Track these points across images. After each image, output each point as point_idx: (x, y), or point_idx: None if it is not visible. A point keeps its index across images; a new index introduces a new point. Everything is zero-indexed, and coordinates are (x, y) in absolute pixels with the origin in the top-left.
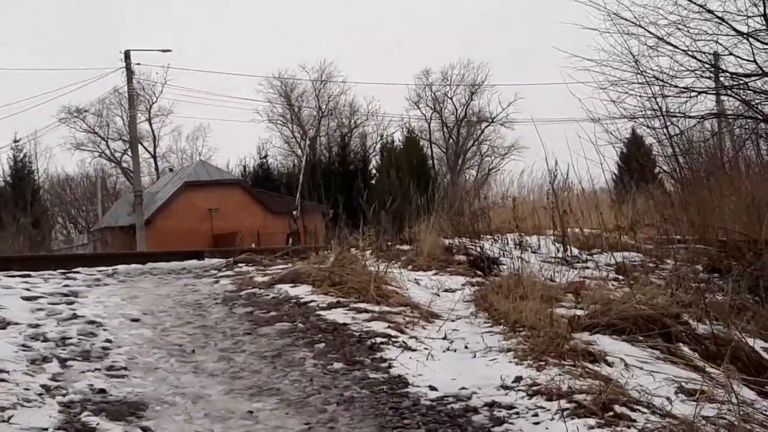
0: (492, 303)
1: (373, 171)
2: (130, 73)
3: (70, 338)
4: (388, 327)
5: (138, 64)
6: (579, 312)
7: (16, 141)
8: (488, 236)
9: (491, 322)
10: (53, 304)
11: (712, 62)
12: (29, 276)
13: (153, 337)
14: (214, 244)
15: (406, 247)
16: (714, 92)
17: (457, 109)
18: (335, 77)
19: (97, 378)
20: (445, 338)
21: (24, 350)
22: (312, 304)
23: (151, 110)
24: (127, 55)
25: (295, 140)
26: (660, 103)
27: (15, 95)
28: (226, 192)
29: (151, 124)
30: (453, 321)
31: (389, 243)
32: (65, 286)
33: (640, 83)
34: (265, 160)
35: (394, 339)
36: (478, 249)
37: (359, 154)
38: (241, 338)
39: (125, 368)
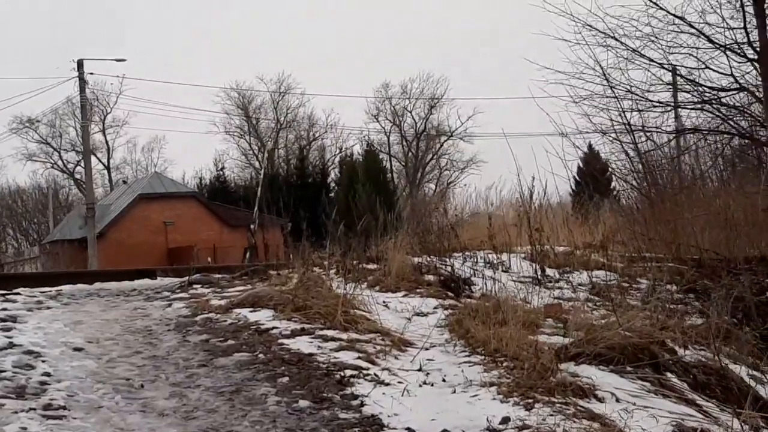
0: (468, 329)
1: (332, 184)
2: (82, 83)
3: (3, 371)
4: (358, 357)
5: (91, 73)
6: (562, 340)
7: None
8: (457, 254)
9: (469, 350)
10: None
11: (687, 76)
12: None
13: (97, 370)
14: (169, 258)
15: (373, 266)
16: (690, 107)
17: (416, 123)
18: (294, 89)
19: (32, 419)
20: (420, 370)
21: None
22: (274, 331)
23: (105, 121)
24: (80, 64)
25: (252, 152)
26: (630, 118)
27: None
28: (181, 205)
29: (105, 135)
30: (427, 349)
31: (355, 262)
32: (2, 309)
33: (611, 97)
34: (221, 173)
35: (365, 371)
36: (449, 269)
37: (318, 167)
38: (196, 371)
39: (64, 407)
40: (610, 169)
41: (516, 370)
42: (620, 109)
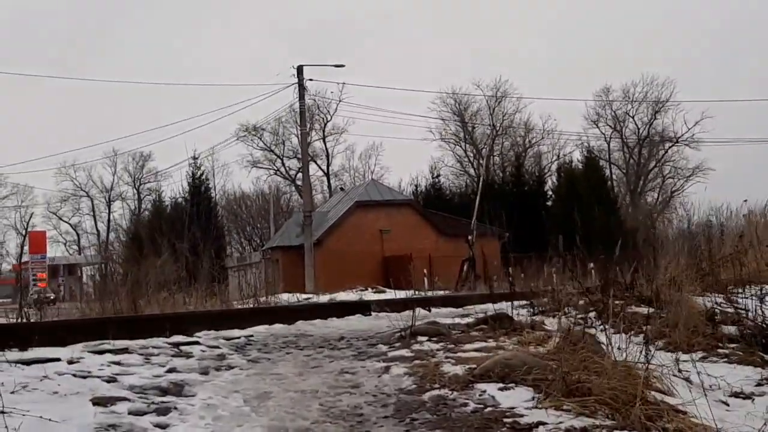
0: None
1: (549, 192)
2: (302, 89)
3: None
4: None
5: (310, 80)
6: None
7: (194, 157)
8: (737, 289)
9: None
10: (136, 413)
11: None
12: (125, 352)
13: None
14: (384, 267)
15: (645, 310)
16: None
17: (638, 129)
18: (510, 95)
19: None
20: None
21: None
22: (540, 430)
23: (325, 128)
24: (299, 70)
25: (467, 159)
26: None
27: (191, 111)
28: (397, 212)
29: (325, 142)
30: None
31: (620, 302)
32: (169, 371)
33: None
34: (437, 180)
35: None
36: (754, 315)
37: (534, 175)
38: None
39: None
40: None
41: None
42: None
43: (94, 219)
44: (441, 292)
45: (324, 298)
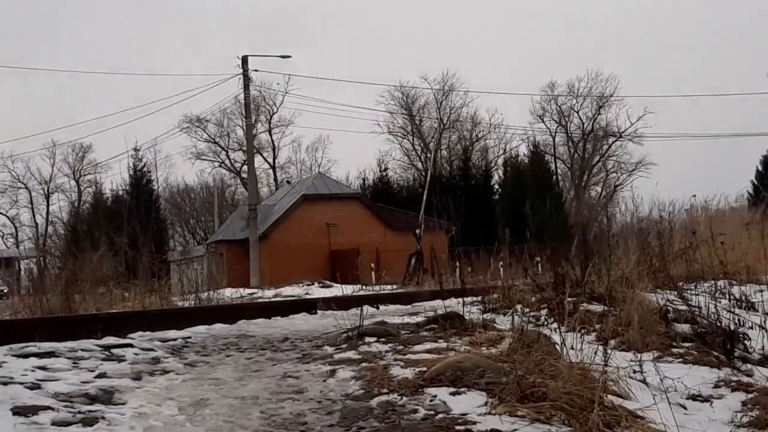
0: None
1: (496, 186)
2: (247, 80)
3: None
4: None
5: (255, 70)
6: None
7: (136, 149)
8: (687, 285)
9: None
10: (60, 424)
11: None
12: (52, 355)
13: None
14: (331, 261)
15: (597, 307)
16: None
17: (583, 123)
18: (457, 89)
19: None
20: None
21: None
22: None
23: (271, 120)
24: (244, 60)
25: (415, 153)
26: None
27: (133, 101)
28: (344, 206)
29: (271, 135)
30: None
31: (572, 299)
32: (99, 376)
33: None
34: (385, 174)
35: None
36: (707, 313)
37: (481, 169)
38: None
39: None
40: None
41: None
42: None
43: (32, 212)
44: (389, 287)
45: (269, 293)
